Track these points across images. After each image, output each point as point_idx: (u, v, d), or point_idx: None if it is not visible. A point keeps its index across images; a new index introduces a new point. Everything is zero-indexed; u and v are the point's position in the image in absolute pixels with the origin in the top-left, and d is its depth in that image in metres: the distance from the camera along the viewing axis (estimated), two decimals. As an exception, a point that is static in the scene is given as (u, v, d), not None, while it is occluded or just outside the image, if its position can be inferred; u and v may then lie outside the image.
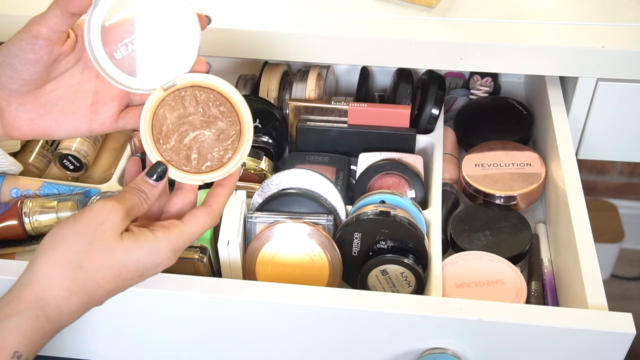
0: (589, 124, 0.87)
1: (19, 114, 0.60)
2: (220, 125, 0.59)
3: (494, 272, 0.72)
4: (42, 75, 0.59)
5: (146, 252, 0.55)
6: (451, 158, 0.88)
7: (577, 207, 0.71)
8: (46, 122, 0.61)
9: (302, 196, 0.73)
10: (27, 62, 0.57)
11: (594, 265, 0.65)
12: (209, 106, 0.59)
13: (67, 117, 0.61)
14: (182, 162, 0.59)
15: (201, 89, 0.59)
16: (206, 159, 0.60)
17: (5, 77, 0.57)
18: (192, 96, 0.59)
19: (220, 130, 0.59)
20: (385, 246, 0.71)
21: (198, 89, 0.59)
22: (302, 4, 0.86)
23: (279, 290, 0.63)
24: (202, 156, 0.59)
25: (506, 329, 0.60)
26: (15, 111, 0.59)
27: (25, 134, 0.61)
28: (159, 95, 0.59)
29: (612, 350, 0.60)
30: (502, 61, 0.81)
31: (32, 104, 0.60)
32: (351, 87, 0.99)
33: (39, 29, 0.56)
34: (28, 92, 0.59)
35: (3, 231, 0.75)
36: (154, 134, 0.59)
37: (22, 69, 0.57)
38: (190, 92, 0.59)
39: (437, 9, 0.85)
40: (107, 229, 0.54)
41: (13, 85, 0.58)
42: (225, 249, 0.70)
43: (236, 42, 0.83)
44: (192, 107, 0.59)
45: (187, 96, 0.59)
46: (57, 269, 0.53)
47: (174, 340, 0.68)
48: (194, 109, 0.59)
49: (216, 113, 0.59)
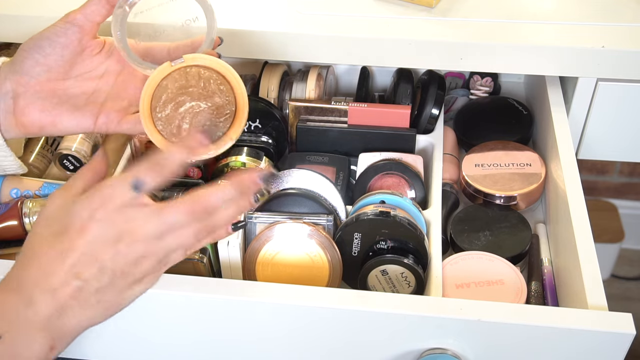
0: (589, 124, 0.87)
1: (34, 100, 0.63)
2: (216, 101, 0.62)
3: (494, 272, 0.72)
4: (66, 65, 0.63)
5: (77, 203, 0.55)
6: (451, 158, 0.88)
7: (577, 207, 0.71)
8: (55, 114, 0.64)
9: (302, 196, 0.73)
10: (56, 45, 0.61)
11: (594, 265, 0.65)
12: (209, 82, 0.62)
13: (75, 113, 0.64)
14: (173, 133, 0.61)
15: (206, 68, 0.63)
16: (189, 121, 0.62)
17: (31, 60, 0.61)
18: (197, 72, 0.63)
19: (216, 106, 0.62)
20: (385, 246, 0.71)
21: (204, 68, 0.63)
22: (302, 4, 0.86)
23: (279, 291, 0.63)
24: (193, 127, 0.61)
25: (506, 329, 0.60)
26: (31, 97, 0.62)
27: (33, 123, 0.63)
28: (166, 69, 0.63)
29: (612, 350, 0.60)
30: (502, 61, 0.81)
31: (47, 94, 0.63)
32: (351, 87, 0.99)
33: (75, 15, 0.61)
34: (48, 81, 0.63)
35: (3, 231, 0.75)
36: (153, 101, 0.62)
37: (50, 52, 0.61)
38: (196, 69, 0.63)
39: (437, 9, 0.85)
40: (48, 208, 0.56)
41: (36, 69, 0.62)
42: (225, 249, 0.70)
43: (236, 42, 0.83)
44: (194, 80, 0.63)
45: (191, 72, 0.63)
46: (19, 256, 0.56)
47: (173, 340, 0.68)
48: (195, 82, 0.63)
49: (215, 89, 0.62)
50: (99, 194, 0.55)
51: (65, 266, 0.53)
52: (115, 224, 0.54)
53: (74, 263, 0.53)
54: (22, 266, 0.54)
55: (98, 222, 0.54)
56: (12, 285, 0.54)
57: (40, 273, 0.53)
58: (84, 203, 0.55)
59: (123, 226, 0.54)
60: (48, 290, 0.53)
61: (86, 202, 0.55)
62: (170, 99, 0.62)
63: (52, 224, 0.55)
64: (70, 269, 0.53)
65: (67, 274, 0.53)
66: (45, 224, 0.56)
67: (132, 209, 0.55)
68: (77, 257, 0.54)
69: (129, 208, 0.55)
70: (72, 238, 0.54)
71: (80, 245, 0.54)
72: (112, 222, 0.54)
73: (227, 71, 0.63)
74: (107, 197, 0.55)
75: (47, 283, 0.53)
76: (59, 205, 0.56)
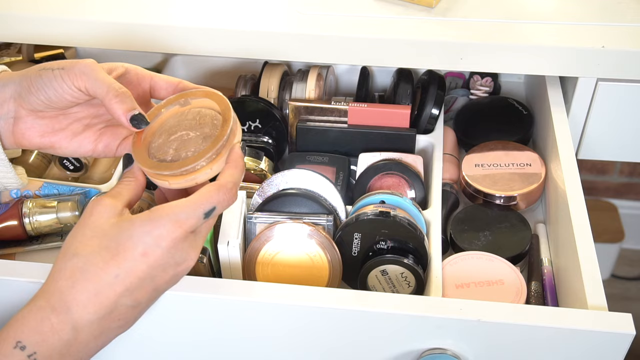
0: (589, 124, 0.87)
1: (35, 126, 0.62)
2: (205, 131, 0.60)
3: (494, 272, 0.72)
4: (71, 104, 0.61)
5: (138, 225, 0.54)
6: (451, 158, 0.88)
7: (577, 207, 0.71)
8: (57, 138, 0.63)
9: (302, 196, 0.73)
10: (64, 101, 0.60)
11: (594, 265, 0.65)
12: (205, 117, 0.61)
13: (74, 139, 0.63)
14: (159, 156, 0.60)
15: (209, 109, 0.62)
16: (180, 156, 0.60)
17: (36, 100, 0.60)
18: (198, 110, 0.62)
19: (204, 135, 0.60)
20: (385, 246, 0.71)
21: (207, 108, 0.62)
22: (302, 4, 0.86)
23: (279, 291, 0.63)
24: (177, 152, 0.60)
25: (506, 330, 0.60)
26: (32, 122, 0.62)
27: (32, 145, 0.63)
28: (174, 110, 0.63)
29: (611, 350, 0.60)
30: (502, 61, 0.81)
31: (49, 120, 0.62)
32: (351, 87, 0.99)
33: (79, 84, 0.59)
34: (50, 113, 0.62)
35: (3, 231, 0.75)
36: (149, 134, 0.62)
37: (56, 101, 0.60)
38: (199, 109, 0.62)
39: (437, 9, 0.85)
40: (96, 217, 0.55)
41: (40, 106, 0.61)
42: (225, 249, 0.70)
43: (236, 42, 0.83)
44: (191, 114, 0.62)
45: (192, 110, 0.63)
46: (59, 263, 0.54)
47: (173, 340, 0.68)
48: (192, 116, 0.62)
49: (208, 122, 0.61)
50: (168, 219, 0.54)
51: (120, 289, 0.53)
52: (180, 251, 0.55)
53: (130, 288, 0.53)
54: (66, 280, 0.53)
55: (164, 251, 0.54)
56: (55, 302, 0.53)
57: (90, 294, 0.53)
58: (147, 227, 0.54)
59: (186, 252, 0.55)
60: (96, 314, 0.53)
61: (150, 226, 0.54)
62: (165, 130, 0.62)
63: (102, 238, 0.54)
64: (125, 292, 0.53)
65: (120, 296, 0.53)
66: (93, 234, 0.54)
67: (196, 235, 0.56)
68: (135, 281, 0.54)
69: (193, 235, 0.56)
70: (132, 261, 0.53)
71: (141, 270, 0.54)
72: (177, 250, 0.55)
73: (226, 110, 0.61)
74: (177, 224, 0.54)
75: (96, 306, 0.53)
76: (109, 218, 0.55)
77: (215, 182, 0.57)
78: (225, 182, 0.57)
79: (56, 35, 0.85)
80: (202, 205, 0.55)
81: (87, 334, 0.53)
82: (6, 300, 0.65)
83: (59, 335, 0.52)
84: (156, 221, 0.54)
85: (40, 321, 0.52)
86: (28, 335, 0.51)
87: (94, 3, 0.86)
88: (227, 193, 0.57)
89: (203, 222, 0.56)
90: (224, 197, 0.57)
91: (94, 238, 0.54)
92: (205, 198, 0.56)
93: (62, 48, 0.98)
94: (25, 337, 0.51)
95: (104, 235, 0.54)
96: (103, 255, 0.53)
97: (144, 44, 0.84)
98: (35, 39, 0.86)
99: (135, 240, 0.54)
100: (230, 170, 0.58)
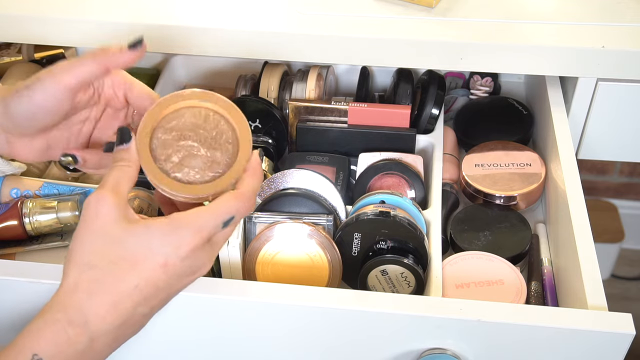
0: (589, 124, 0.87)
1: (31, 146, 0.61)
2: (217, 155, 0.58)
3: (494, 272, 0.72)
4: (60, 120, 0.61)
5: (157, 233, 0.53)
6: (451, 158, 0.88)
7: (577, 207, 0.71)
8: (53, 152, 0.63)
9: (302, 196, 0.73)
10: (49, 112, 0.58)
11: (594, 265, 0.65)
12: (222, 136, 0.59)
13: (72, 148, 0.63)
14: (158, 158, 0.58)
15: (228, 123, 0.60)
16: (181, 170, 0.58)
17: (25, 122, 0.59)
18: (217, 121, 0.59)
19: (213, 159, 0.58)
20: (385, 246, 0.71)
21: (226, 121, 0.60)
22: (302, 4, 0.86)
23: (279, 291, 0.63)
24: (180, 164, 0.58)
25: (506, 330, 0.60)
26: (27, 143, 0.61)
27: (31, 161, 0.64)
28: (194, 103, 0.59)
29: (611, 350, 0.60)
30: (502, 61, 0.81)
31: (42, 139, 0.61)
32: (351, 87, 0.99)
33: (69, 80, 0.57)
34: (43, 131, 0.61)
35: (3, 231, 0.75)
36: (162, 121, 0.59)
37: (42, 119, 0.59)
38: (219, 118, 0.60)
39: (437, 9, 0.85)
40: (104, 221, 0.53)
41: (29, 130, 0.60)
42: (225, 249, 0.70)
43: (236, 42, 0.83)
44: (210, 126, 0.59)
45: (214, 118, 0.60)
46: (72, 274, 0.53)
47: (173, 340, 0.68)
48: (210, 128, 0.59)
49: (223, 144, 0.59)
50: (188, 231, 0.53)
51: (138, 299, 0.53)
52: (198, 260, 0.54)
53: (148, 297, 0.53)
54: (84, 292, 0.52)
55: (182, 261, 0.53)
56: (73, 315, 0.52)
57: (109, 307, 0.52)
58: (168, 237, 0.53)
59: (202, 261, 0.55)
60: (113, 324, 0.52)
61: (171, 237, 0.53)
62: (179, 128, 0.59)
63: (117, 247, 0.53)
64: (143, 301, 0.53)
65: (138, 306, 0.53)
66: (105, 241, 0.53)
67: (212, 244, 0.56)
68: (152, 290, 0.53)
69: (210, 244, 0.55)
70: (152, 271, 0.53)
71: (160, 280, 0.53)
72: (195, 260, 0.54)
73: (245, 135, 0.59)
74: (198, 235, 0.54)
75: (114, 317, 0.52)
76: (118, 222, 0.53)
77: (235, 192, 0.56)
78: (245, 191, 0.57)
79: (56, 35, 0.85)
80: (221, 215, 0.55)
81: (102, 343, 0.52)
82: (6, 300, 0.65)
83: (75, 347, 0.51)
84: (176, 231, 0.53)
85: (57, 333, 0.51)
86: (44, 348, 0.51)
87: (94, 3, 0.86)
88: (246, 202, 0.56)
89: (221, 231, 0.56)
90: (243, 205, 0.56)
91: (108, 246, 0.53)
92: (225, 208, 0.55)
93: (62, 48, 0.98)
94: (41, 350, 0.50)
95: (119, 243, 0.53)
96: (121, 265, 0.52)
97: (144, 44, 0.84)
98: (35, 39, 0.86)
99: (155, 251, 0.53)
100: (249, 179, 0.57)
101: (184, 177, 0.57)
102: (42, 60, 0.98)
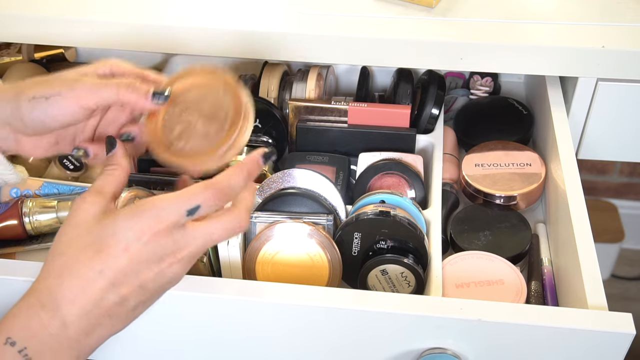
0: (589, 124, 0.87)
1: (37, 144, 0.63)
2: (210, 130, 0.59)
3: (494, 272, 0.72)
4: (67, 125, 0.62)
5: (121, 221, 0.54)
6: (451, 158, 0.88)
7: (577, 207, 0.71)
8: (60, 148, 0.64)
9: (302, 196, 0.73)
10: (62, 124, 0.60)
11: (594, 265, 0.65)
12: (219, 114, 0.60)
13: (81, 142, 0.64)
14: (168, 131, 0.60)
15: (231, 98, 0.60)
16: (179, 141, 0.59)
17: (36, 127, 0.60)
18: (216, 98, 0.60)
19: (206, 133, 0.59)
20: (385, 246, 0.71)
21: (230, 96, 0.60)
22: (302, 4, 0.86)
23: (279, 290, 0.63)
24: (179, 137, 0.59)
25: (506, 329, 0.60)
26: (36, 141, 0.63)
27: (38, 157, 0.64)
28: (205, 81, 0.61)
29: (611, 350, 0.60)
30: (502, 61, 0.81)
31: (49, 137, 0.63)
32: (351, 87, 0.99)
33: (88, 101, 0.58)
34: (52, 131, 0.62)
35: (3, 231, 0.75)
36: None
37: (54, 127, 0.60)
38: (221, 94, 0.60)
39: (437, 9, 0.85)
40: (82, 217, 0.55)
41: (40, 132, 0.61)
42: (225, 248, 0.70)
43: (236, 42, 0.83)
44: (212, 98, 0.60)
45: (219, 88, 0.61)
46: (47, 262, 0.55)
47: (173, 340, 0.68)
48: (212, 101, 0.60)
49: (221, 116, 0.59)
50: (149, 214, 0.54)
51: (104, 284, 0.53)
52: (161, 246, 0.54)
53: (114, 282, 0.53)
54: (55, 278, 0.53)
55: (145, 245, 0.53)
56: (44, 299, 0.53)
57: (77, 291, 0.53)
58: (129, 222, 0.54)
59: (169, 248, 0.54)
60: (83, 309, 0.53)
61: (132, 221, 0.53)
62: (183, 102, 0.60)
63: (87, 236, 0.54)
64: (110, 287, 0.53)
65: (106, 292, 0.53)
66: (78, 233, 0.55)
67: (179, 231, 0.54)
68: (118, 276, 0.53)
69: (177, 230, 0.54)
70: (115, 257, 0.53)
71: (123, 265, 0.53)
72: (159, 245, 0.54)
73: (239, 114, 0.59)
74: (158, 219, 0.53)
75: (83, 301, 0.53)
76: (94, 215, 0.55)
77: (204, 181, 0.55)
78: (215, 181, 0.55)
79: (56, 35, 0.85)
80: (184, 201, 0.54)
81: (76, 329, 0.53)
82: (6, 300, 0.65)
83: (48, 330, 0.52)
84: (138, 216, 0.54)
85: (30, 318, 0.52)
86: (18, 332, 0.52)
87: (94, 3, 0.86)
88: (214, 193, 0.55)
89: (186, 219, 0.54)
90: (210, 197, 0.54)
91: (79, 236, 0.54)
92: (189, 195, 0.54)
93: (62, 48, 0.98)
94: (15, 334, 0.52)
95: (89, 232, 0.54)
96: (87, 252, 0.54)
97: (144, 44, 0.84)
98: (35, 39, 0.86)
99: (118, 237, 0.54)
100: (231, 171, 0.56)
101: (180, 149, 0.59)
102: (42, 60, 0.98)
